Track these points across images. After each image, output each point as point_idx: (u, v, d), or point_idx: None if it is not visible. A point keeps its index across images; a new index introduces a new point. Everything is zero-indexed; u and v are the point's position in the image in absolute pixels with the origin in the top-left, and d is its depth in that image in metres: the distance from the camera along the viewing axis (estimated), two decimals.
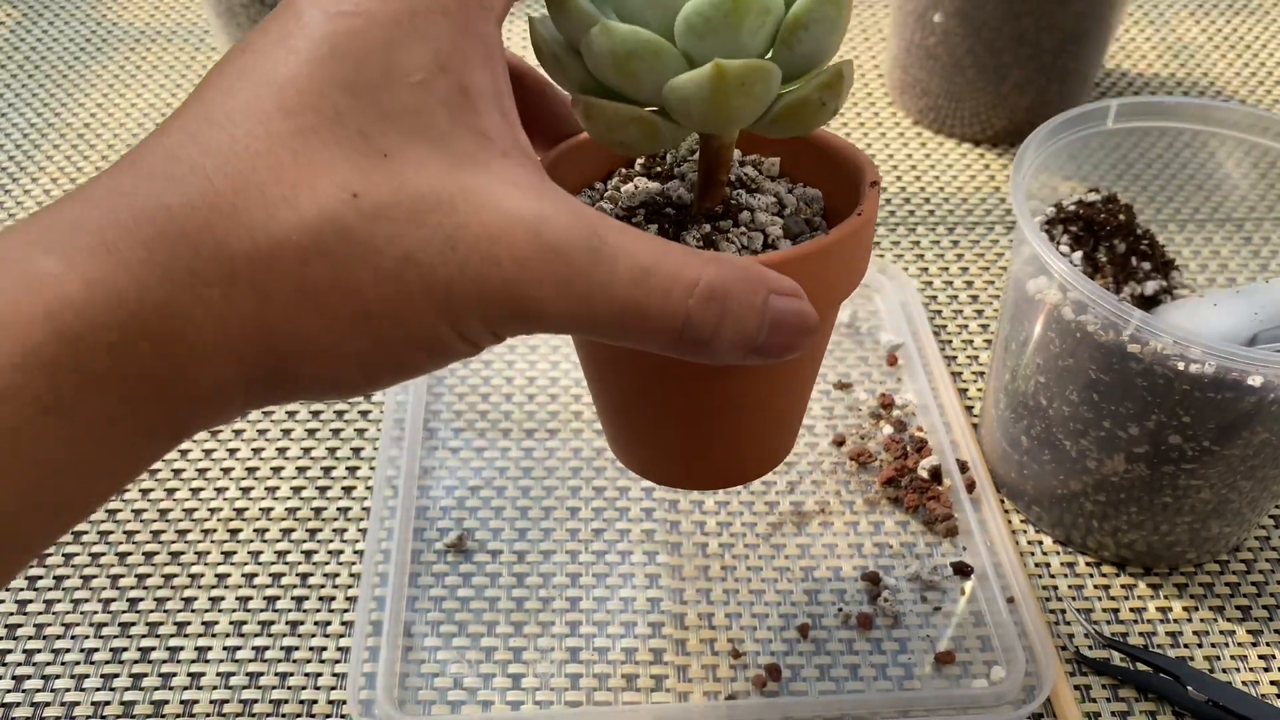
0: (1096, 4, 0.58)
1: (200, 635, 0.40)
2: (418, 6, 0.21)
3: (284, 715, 0.38)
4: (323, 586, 0.42)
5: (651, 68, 0.24)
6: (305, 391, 0.22)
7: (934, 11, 0.61)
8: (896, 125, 0.67)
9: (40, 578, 0.42)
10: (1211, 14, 0.77)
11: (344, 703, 0.39)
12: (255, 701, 0.39)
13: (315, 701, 0.39)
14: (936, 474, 0.45)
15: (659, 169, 0.30)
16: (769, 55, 0.25)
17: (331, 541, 0.44)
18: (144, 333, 0.19)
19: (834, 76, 0.25)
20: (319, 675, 0.39)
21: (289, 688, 0.39)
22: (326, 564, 0.43)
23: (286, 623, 0.41)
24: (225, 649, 0.40)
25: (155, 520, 0.44)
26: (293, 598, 0.42)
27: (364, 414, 0.48)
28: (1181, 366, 0.35)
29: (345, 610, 0.41)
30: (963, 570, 0.42)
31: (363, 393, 0.23)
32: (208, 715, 0.38)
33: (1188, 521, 0.40)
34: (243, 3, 0.56)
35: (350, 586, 0.42)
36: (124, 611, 0.41)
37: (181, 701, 0.38)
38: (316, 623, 0.41)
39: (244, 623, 0.41)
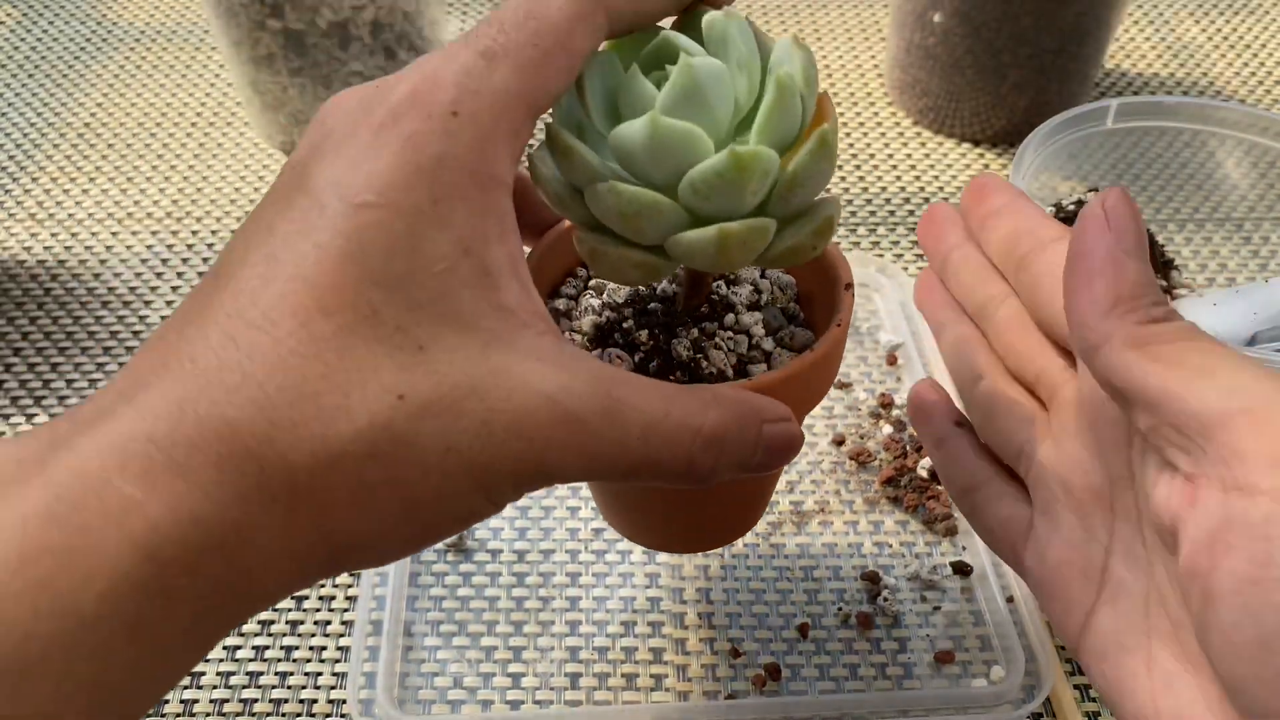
0: (1096, 4, 0.58)
1: None
2: (439, 194, 0.22)
3: (284, 715, 0.38)
4: (322, 585, 0.42)
5: (655, 224, 0.25)
6: (352, 569, 0.23)
7: (934, 11, 0.61)
8: (896, 125, 0.67)
9: None
10: (1211, 14, 0.77)
11: (344, 702, 0.39)
12: (255, 701, 0.39)
13: (315, 701, 0.39)
14: (936, 474, 0.45)
15: None
16: (765, 204, 0.26)
17: None
18: (219, 550, 0.20)
19: (825, 224, 0.27)
20: (319, 674, 0.39)
21: (289, 687, 0.39)
22: None
23: (286, 622, 0.41)
24: (225, 648, 0.40)
25: None
26: (292, 597, 0.42)
27: None
28: None
29: (345, 609, 0.41)
30: (962, 570, 0.42)
31: (400, 559, 0.25)
32: (207, 715, 0.38)
33: None
34: (243, 3, 0.56)
35: (350, 585, 0.42)
36: None
37: (181, 701, 0.38)
38: (316, 622, 0.41)
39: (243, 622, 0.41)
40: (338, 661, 0.40)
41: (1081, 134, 0.43)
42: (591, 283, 0.32)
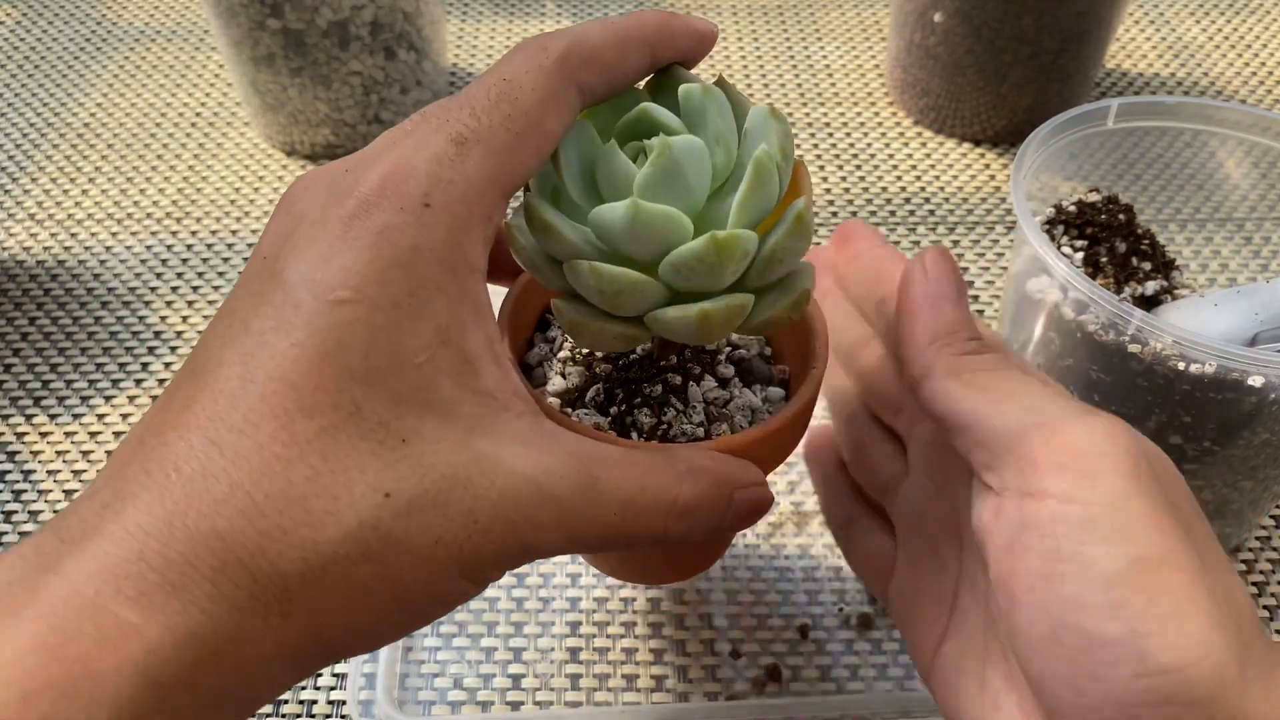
0: (1096, 4, 0.58)
1: None
2: (415, 286, 0.22)
3: (284, 715, 0.38)
4: None
5: (636, 301, 0.26)
6: (345, 658, 0.24)
7: (934, 11, 0.61)
8: (896, 125, 0.67)
9: None
10: (1211, 14, 0.77)
11: (343, 703, 0.39)
12: None
13: (315, 702, 0.39)
14: None
15: None
16: (743, 278, 0.27)
17: None
18: (217, 662, 0.20)
19: (802, 296, 0.28)
20: (318, 675, 0.39)
21: None
22: None
23: None
24: None
25: None
26: None
27: None
28: (1182, 367, 0.35)
29: None
30: None
31: (391, 642, 0.25)
32: None
33: None
34: (243, 3, 0.56)
35: None
36: None
37: None
38: None
39: None
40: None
41: (1082, 134, 0.42)
42: (569, 341, 0.32)
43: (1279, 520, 0.45)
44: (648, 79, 0.27)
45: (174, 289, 0.55)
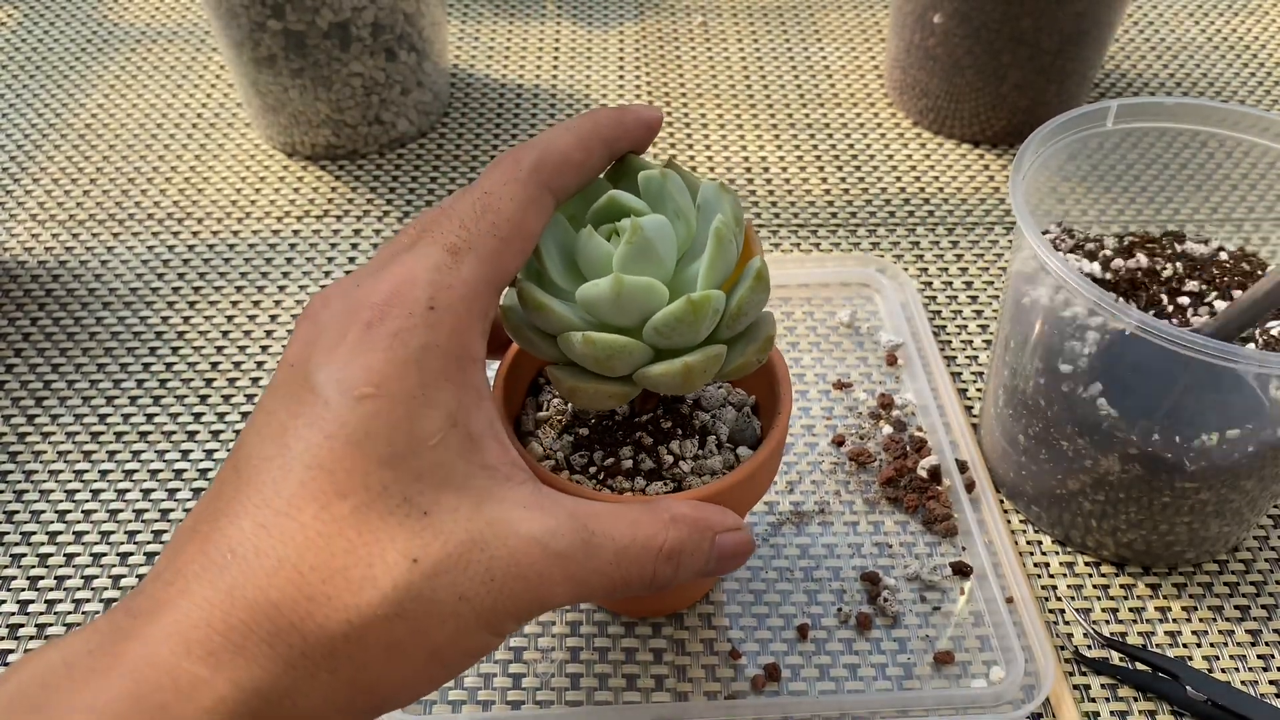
0: (1096, 4, 0.59)
1: None
2: (427, 379, 0.25)
3: None
4: None
5: (626, 361, 0.30)
6: (386, 712, 0.26)
7: (933, 12, 0.61)
8: (896, 125, 0.67)
9: (42, 578, 0.42)
10: (1211, 14, 0.77)
11: None
12: None
13: None
14: (936, 474, 0.45)
15: None
16: (714, 331, 0.31)
17: None
18: (273, 712, 0.23)
19: (766, 342, 0.32)
20: None
21: None
22: None
23: None
24: None
25: (157, 520, 0.44)
26: None
27: None
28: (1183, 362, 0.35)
29: None
30: (962, 570, 0.42)
31: (426, 695, 0.28)
32: None
33: (1187, 521, 0.40)
34: (243, 3, 0.56)
35: None
36: None
37: None
38: None
39: None
40: None
41: (1081, 135, 0.43)
42: (554, 403, 0.36)
43: (1276, 520, 0.45)
44: (608, 169, 0.32)
45: (175, 290, 0.55)
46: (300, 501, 0.24)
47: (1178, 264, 0.44)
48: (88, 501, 0.45)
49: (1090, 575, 0.43)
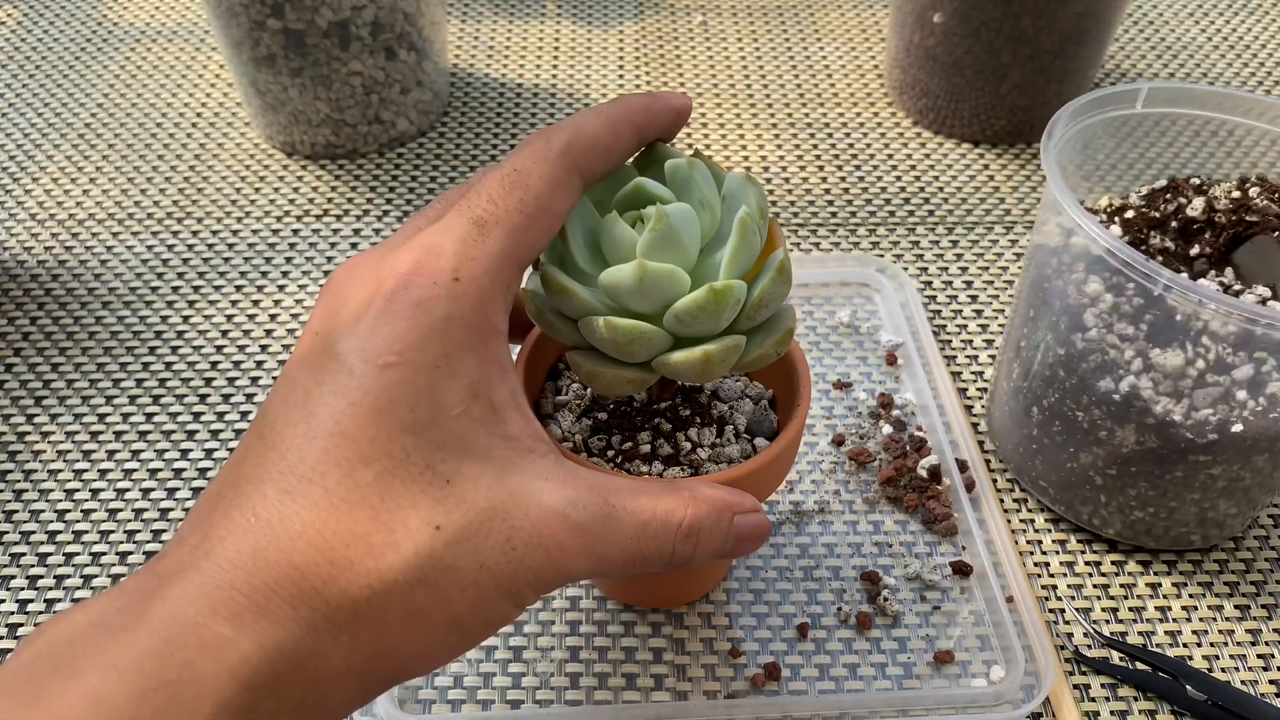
0: (1095, 4, 0.59)
1: None
2: (450, 349, 0.26)
3: None
4: None
5: (645, 348, 0.30)
6: (406, 680, 0.26)
7: (933, 11, 0.61)
8: (896, 125, 0.67)
9: (41, 577, 0.42)
10: (1210, 14, 0.77)
11: None
12: None
13: None
14: (936, 473, 0.45)
15: None
16: (735, 321, 0.31)
17: None
18: (297, 674, 0.23)
19: (785, 335, 0.32)
20: None
21: None
22: None
23: None
24: None
25: (157, 520, 0.44)
26: None
27: None
28: (1211, 326, 0.35)
29: None
30: (962, 570, 0.42)
31: (445, 664, 0.29)
32: None
33: (1196, 499, 0.40)
34: (243, 3, 0.56)
35: None
36: None
37: None
38: None
39: None
40: None
41: (1109, 115, 0.43)
42: (573, 387, 0.36)
43: (1276, 520, 0.45)
44: (635, 156, 0.31)
45: (175, 289, 0.55)
46: (324, 468, 0.24)
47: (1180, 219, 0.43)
48: (87, 501, 0.45)
49: (1090, 575, 0.43)
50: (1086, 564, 0.43)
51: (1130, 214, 0.42)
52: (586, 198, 0.31)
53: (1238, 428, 0.37)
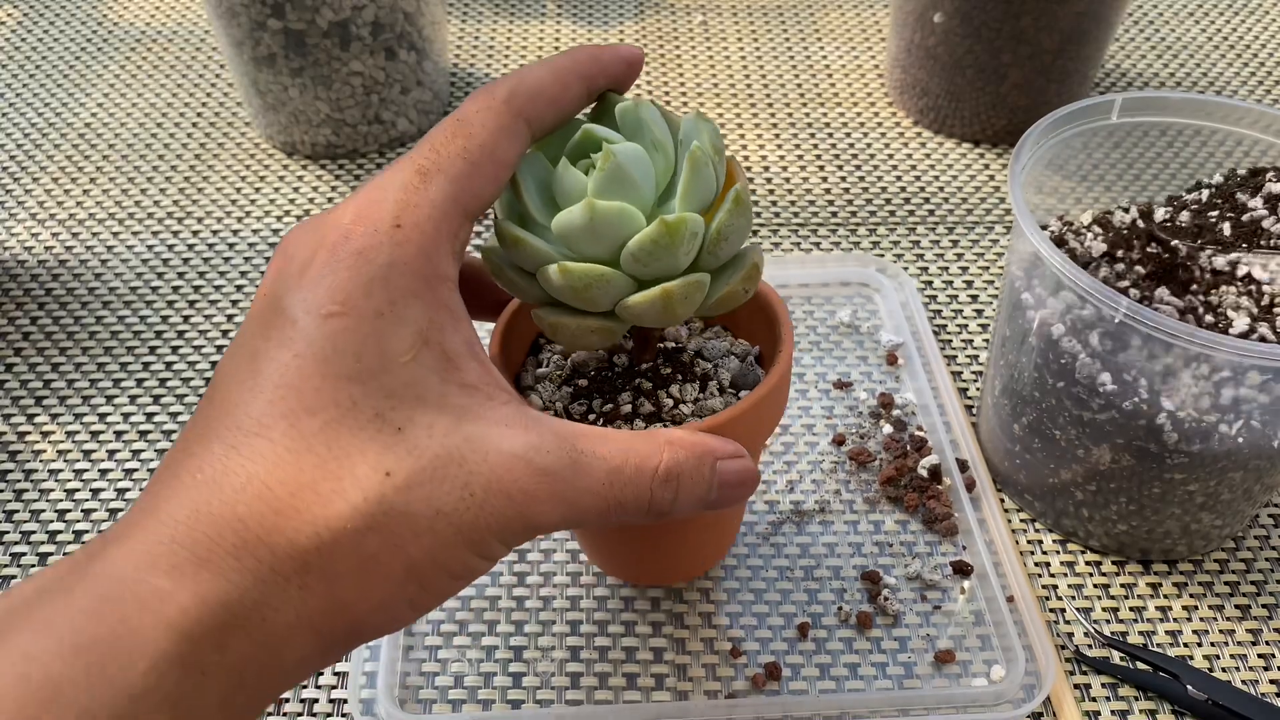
0: (1096, 4, 0.59)
1: None
2: (394, 296, 0.25)
3: (285, 714, 0.38)
4: None
5: (605, 292, 0.29)
6: (368, 639, 0.25)
7: (934, 11, 0.61)
8: (896, 125, 0.67)
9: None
10: (1211, 14, 0.77)
11: (345, 701, 0.39)
12: None
13: (316, 700, 0.39)
14: (936, 473, 0.45)
15: None
16: (697, 261, 0.30)
17: None
18: (243, 628, 0.23)
19: (752, 269, 0.31)
20: (320, 673, 0.39)
21: None
22: None
23: None
24: None
25: None
26: None
27: None
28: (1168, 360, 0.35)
29: None
30: (962, 569, 0.42)
31: (410, 623, 0.28)
32: None
33: (1177, 514, 0.40)
34: (243, 3, 0.56)
35: None
36: None
37: None
38: None
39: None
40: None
41: (1085, 128, 0.43)
42: (554, 359, 0.36)
43: (1277, 520, 0.45)
44: (589, 109, 0.31)
45: (175, 289, 0.55)
46: (269, 420, 0.24)
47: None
48: (88, 501, 0.45)
49: (1091, 574, 0.43)
50: (1087, 564, 0.43)
51: (1118, 220, 0.42)
52: (540, 151, 0.30)
53: (1212, 446, 0.37)
